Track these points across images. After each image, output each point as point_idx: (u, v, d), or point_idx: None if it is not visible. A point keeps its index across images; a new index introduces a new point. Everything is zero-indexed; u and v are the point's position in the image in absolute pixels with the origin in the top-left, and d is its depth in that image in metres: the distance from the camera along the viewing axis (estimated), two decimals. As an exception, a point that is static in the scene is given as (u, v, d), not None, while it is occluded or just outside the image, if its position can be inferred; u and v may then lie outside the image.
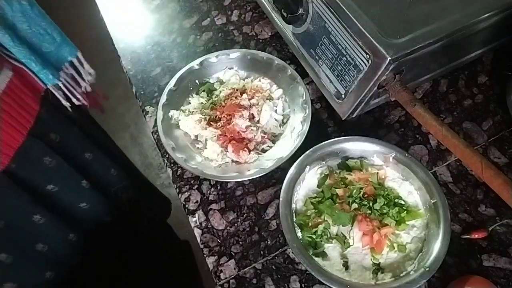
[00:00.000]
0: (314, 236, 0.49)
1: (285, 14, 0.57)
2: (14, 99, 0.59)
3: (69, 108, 0.66)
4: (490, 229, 0.51)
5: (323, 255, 0.49)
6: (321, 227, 0.49)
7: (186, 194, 0.57)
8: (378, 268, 0.48)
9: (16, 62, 0.58)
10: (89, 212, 0.79)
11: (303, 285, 0.50)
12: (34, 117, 0.63)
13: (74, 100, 0.66)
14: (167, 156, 0.59)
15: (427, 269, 0.44)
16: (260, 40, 0.72)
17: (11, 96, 0.58)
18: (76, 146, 0.75)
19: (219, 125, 0.58)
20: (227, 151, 0.56)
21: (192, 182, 0.58)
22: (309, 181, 0.54)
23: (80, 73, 0.70)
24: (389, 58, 0.45)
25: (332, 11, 0.51)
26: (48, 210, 0.70)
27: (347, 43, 0.50)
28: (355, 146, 0.54)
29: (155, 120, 0.60)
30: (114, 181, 0.86)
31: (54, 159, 0.67)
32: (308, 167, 0.53)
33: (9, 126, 0.59)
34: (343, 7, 0.49)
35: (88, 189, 0.76)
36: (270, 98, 0.62)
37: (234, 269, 0.51)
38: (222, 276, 0.51)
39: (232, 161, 0.57)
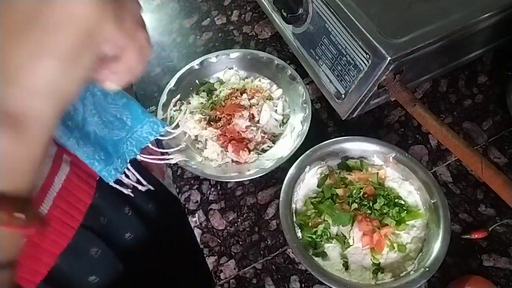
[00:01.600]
0: (314, 236, 0.49)
1: (285, 14, 0.57)
2: (67, 197, 0.52)
3: (131, 193, 0.56)
4: (490, 229, 0.51)
5: (323, 255, 0.49)
6: (321, 227, 0.49)
7: (186, 194, 0.57)
8: (378, 268, 0.48)
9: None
10: None
11: (303, 285, 0.50)
12: (87, 206, 0.55)
13: (140, 187, 0.56)
14: (167, 156, 0.59)
15: (427, 269, 0.44)
16: (260, 40, 0.72)
17: (65, 197, 0.52)
18: (121, 226, 0.65)
19: (219, 125, 0.58)
20: (227, 151, 0.56)
21: (192, 182, 0.58)
22: (309, 181, 0.54)
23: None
24: (389, 58, 0.45)
25: (332, 11, 0.51)
26: None
27: (347, 43, 0.50)
28: (355, 146, 0.54)
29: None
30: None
31: (100, 249, 0.59)
32: (308, 167, 0.53)
33: (61, 223, 0.51)
34: (343, 7, 0.49)
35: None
36: (270, 98, 0.62)
37: (234, 269, 0.51)
38: (222, 276, 0.51)
39: (232, 161, 0.57)
